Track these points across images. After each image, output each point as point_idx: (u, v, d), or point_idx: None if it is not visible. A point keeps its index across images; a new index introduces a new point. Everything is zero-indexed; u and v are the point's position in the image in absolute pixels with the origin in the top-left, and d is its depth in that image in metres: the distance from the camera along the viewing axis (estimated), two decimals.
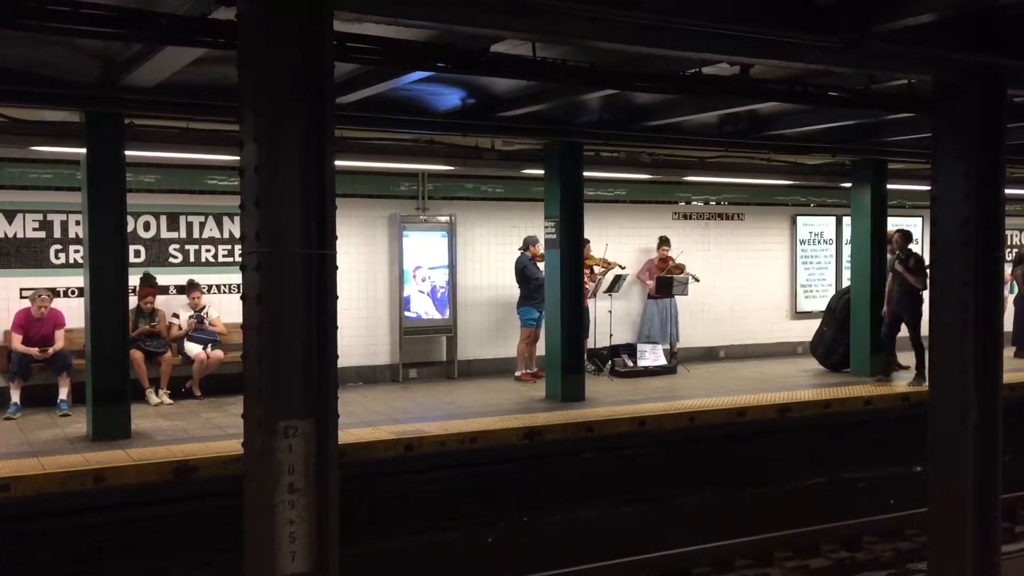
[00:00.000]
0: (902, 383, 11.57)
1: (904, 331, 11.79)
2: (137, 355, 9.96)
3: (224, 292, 11.31)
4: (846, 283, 13.98)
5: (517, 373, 12.06)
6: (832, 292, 14.62)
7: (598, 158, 11.73)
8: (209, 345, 10.70)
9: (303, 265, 3.81)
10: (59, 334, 9.78)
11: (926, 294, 6.16)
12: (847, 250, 14.42)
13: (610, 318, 12.71)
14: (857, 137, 11.64)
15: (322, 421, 3.84)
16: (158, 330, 10.42)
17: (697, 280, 13.34)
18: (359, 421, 9.21)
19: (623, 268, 12.79)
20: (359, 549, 7.18)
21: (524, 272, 11.89)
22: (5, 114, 8.73)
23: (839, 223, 15.33)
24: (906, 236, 11.83)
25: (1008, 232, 15.88)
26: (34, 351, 9.62)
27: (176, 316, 10.76)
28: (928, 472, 5.72)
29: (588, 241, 12.61)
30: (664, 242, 13.35)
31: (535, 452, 9.03)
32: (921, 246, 15.56)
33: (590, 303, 12.56)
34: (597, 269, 12.60)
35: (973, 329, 5.41)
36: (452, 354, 12.52)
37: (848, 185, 13.21)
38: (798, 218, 15.12)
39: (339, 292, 3.97)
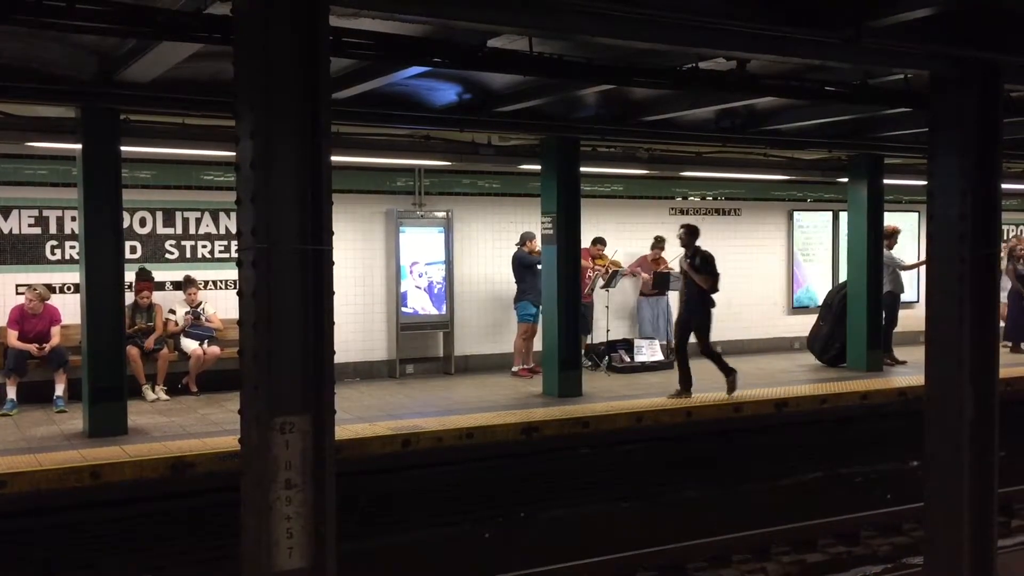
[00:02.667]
0: (711, 393, 10.43)
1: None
2: (133, 351, 9.95)
3: (220, 288, 11.31)
4: (843, 278, 13.99)
5: (514, 369, 12.07)
6: (828, 287, 14.64)
7: (595, 153, 11.74)
8: (205, 341, 10.70)
9: (299, 261, 3.80)
10: (55, 330, 9.77)
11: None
12: (844, 245, 14.46)
13: (607, 314, 12.71)
14: (853, 132, 11.65)
15: (319, 417, 3.84)
16: (154, 328, 10.41)
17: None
18: (356, 417, 9.22)
19: (620, 266, 12.85)
20: (355, 545, 7.18)
21: (520, 265, 11.90)
22: (1, 110, 8.70)
23: (835, 218, 15.34)
24: (691, 231, 10.59)
25: (1004, 227, 15.88)
26: (31, 347, 9.61)
27: (172, 312, 10.76)
28: (925, 467, 5.73)
29: (604, 241, 12.63)
30: (658, 243, 13.35)
31: (532, 448, 9.04)
32: (917, 241, 15.62)
33: (594, 300, 12.60)
34: (609, 270, 12.62)
35: (969, 324, 5.42)
36: (449, 350, 12.52)
37: (844, 180, 13.22)
38: (794, 213, 15.14)
39: (336, 288, 3.97)
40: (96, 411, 8.47)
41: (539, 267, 11.38)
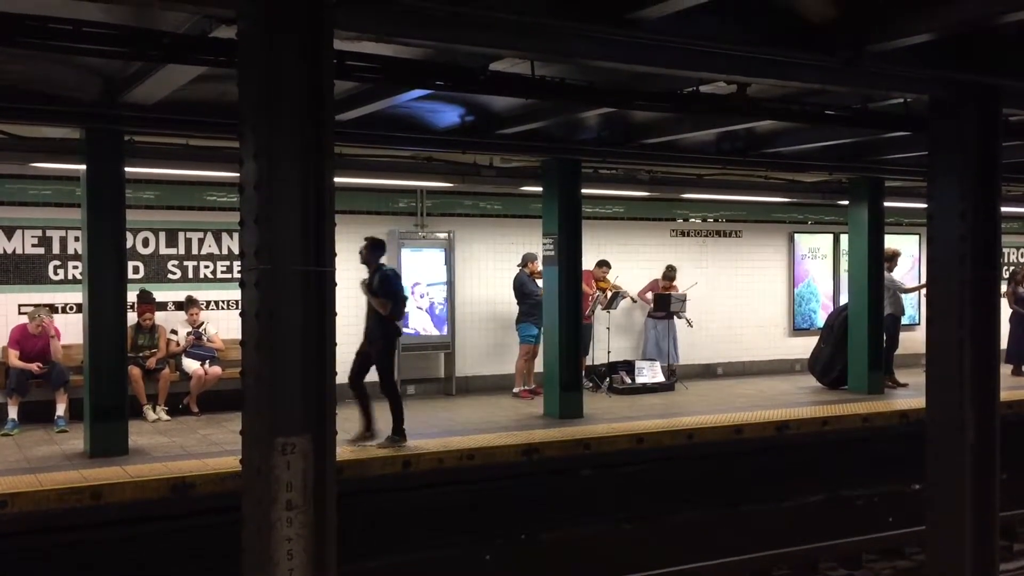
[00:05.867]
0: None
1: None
2: (135, 371, 9.95)
3: (223, 308, 11.32)
4: (844, 300, 14.00)
5: (515, 390, 12.05)
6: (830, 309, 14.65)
7: (596, 175, 11.76)
8: (207, 361, 10.70)
9: (302, 282, 3.82)
10: (54, 343, 9.76)
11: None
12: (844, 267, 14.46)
13: (608, 335, 12.71)
14: (854, 155, 11.67)
15: (320, 438, 3.85)
16: (157, 349, 10.42)
17: (691, 325, 13.33)
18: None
19: (620, 289, 12.86)
20: (356, 566, 7.15)
21: (522, 288, 11.92)
22: (5, 130, 8.74)
23: (836, 240, 15.37)
24: (373, 246, 9.04)
25: (1004, 250, 15.91)
26: (33, 367, 9.61)
27: (174, 332, 10.77)
28: (926, 490, 5.72)
29: (608, 264, 12.62)
30: (670, 274, 13.32)
31: (533, 469, 9.02)
32: (918, 263, 15.63)
33: (593, 321, 12.59)
34: (609, 293, 12.62)
35: (970, 346, 5.43)
36: (450, 370, 12.51)
37: (845, 203, 13.25)
38: (795, 235, 15.16)
39: (338, 309, 3.99)
40: (97, 431, 8.45)
41: (540, 288, 11.39)
